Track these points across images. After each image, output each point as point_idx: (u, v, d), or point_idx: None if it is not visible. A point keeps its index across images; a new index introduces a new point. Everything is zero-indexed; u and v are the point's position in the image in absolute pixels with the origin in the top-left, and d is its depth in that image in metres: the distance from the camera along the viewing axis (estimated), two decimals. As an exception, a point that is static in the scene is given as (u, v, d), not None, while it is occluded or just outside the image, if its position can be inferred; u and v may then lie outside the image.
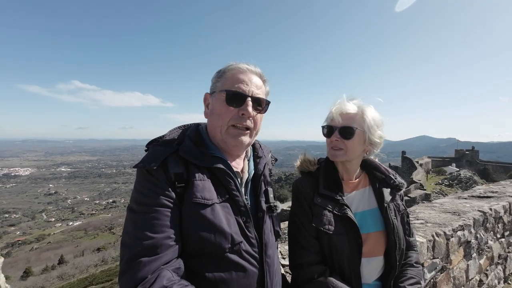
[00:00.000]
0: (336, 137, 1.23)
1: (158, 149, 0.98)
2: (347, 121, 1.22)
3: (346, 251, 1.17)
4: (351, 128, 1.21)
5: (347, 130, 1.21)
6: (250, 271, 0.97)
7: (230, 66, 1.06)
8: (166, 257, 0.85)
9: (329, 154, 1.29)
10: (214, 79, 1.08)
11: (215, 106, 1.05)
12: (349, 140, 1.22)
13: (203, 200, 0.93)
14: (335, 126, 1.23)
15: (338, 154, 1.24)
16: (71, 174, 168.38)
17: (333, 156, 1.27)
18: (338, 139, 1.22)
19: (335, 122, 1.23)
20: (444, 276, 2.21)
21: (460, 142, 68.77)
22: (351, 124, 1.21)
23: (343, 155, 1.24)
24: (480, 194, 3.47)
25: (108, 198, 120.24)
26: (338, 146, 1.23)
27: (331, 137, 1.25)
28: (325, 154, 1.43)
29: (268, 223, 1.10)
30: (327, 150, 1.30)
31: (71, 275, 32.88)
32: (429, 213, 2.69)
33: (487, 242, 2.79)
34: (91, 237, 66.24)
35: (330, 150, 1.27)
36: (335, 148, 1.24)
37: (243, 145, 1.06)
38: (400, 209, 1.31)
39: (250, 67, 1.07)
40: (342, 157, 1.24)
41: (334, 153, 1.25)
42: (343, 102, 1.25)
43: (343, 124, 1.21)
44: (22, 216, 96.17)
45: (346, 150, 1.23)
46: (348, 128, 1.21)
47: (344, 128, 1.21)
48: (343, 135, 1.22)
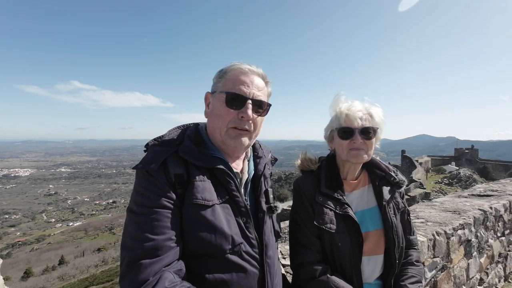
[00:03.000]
0: (357, 139, 1.20)
1: (157, 149, 0.97)
2: (367, 121, 1.21)
3: (348, 249, 1.17)
4: (373, 128, 1.21)
5: (369, 130, 1.20)
6: (251, 272, 0.97)
7: (232, 66, 1.04)
8: (168, 259, 0.85)
9: (348, 156, 1.23)
10: (216, 79, 1.06)
11: (215, 107, 1.03)
12: (371, 140, 1.22)
13: (204, 201, 0.92)
14: (355, 128, 1.20)
15: (361, 155, 1.22)
16: (71, 174, 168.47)
17: (356, 157, 1.22)
18: (362, 140, 1.20)
19: (353, 123, 1.20)
20: (445, 275, 2.21)
21: (459, 141, 68.90)
22: (371, 124, 1.21)
23: (366, 156, 1.23)
24: (480, 193, 3.47)
25: (108, 198, 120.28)
26: (360, 148, 1.21)
27: (351, 139, 1.22)
28: (325, 153, 1.43)
29: (268, 223, 1.09)
30: (343, 152, 1.25)
31: (72, 275, 32.89)
32: (430, 212, 2.69)
33: (487, 241, 2.79)
34: (91, 238, 66.32)
35: (351, 152, 1.23)
36: (357, 150, 1.22)
37: (242, 146, 1.05)
38: (399, 207, 1.31)
39: (252, 67, 1.05)
40: (364, 158, 1.23)
41: (357, 153, 1.22)
42: (354, 102, 1.25)
43: (364, 124, 1.20)
44: (22, 217, 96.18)
45: (367, 151, 1.23)
46: (370, 128, 1.21)
47: (366, 128, 1.20)
48: (366, 135, 1.21)
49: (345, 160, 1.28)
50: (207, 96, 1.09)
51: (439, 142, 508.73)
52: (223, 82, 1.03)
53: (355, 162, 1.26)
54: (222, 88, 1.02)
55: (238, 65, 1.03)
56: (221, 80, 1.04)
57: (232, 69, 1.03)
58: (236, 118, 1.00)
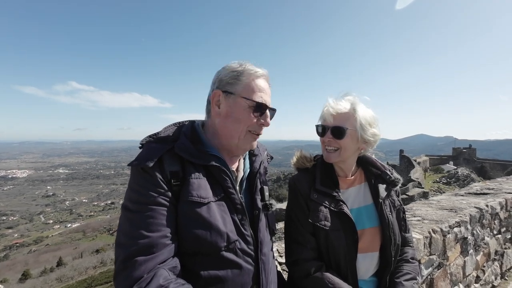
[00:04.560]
0: (328, 137, 1.24)
1: (153, 146, 0.96)
2: (339, 121, 1.21)
3: (343, 247, 1.17)
4: (342, 128, 1.20)
5: (338, 130, 1.21)
6: (246, 268, 0.97)
7: (247, 69, 1.02)
8: (162, 256, 0.85)
9: (323, 155, 1.30)
10: (229, 79, 1.02)
11: (234, 111, 1.02)
12: (341, 140, 1.22)
13: (199, 198, 0.92)
14: (327, 126, 1.24)
15: (332, 156, 1.25)
16: (69, 175, 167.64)
17: (327, 157, 1.28)
18: (331, 139, 1.23)
19: (327, 121, 1.23)
20: (441, 272, 2.22)
21: (457, 140, 69.21)
22: (342, 124, 1.21)
23: (337, 156, 1.25)
24: (476, 191, 3.49)
25: (106, 199, 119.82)
26: (332, 145, 1.24)
27: (324, 136, 1.27)
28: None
29: (263, 221, 1.10)
30: (322, 149, 1.32)
31: (70, 277, 32.74)
32: (426, 210, 2.70)
33: (483, 239, 2.81)
34: (89, 239, 66.01)
35: (324, 151, 1.29)
36: (329, 150, 1.25)
37: (252, 148, 1.11)
38: (395, 205, 1.32)
39: (264, 72, 1.06)
40: (336, 158, 1.25)
41: (327, 155, 1.27)
42: (335, 101, 1.25)
43: (335, 124, 1.22)
44: (20, 219, 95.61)
45: (339, 150, 1.24)
46: (339, 128, 1.21)
47: (336, 128, 1.21)
48: (335, 135, 1.22)
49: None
50: (216, 95, 1.03)
51: (437, 142, 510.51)
52: (242, 86, 1.01)
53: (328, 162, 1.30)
54: (243, 93, 1.01)
55: (252, 67, 1.03)
56: (238, 82, 1.01)
57: (249, 72, 1.02)
58: (256, 124, 1.04)
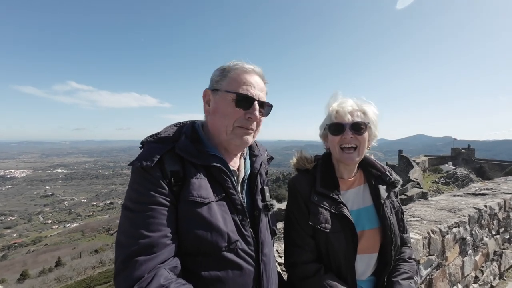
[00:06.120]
0: (348, 134, 1.20)
1: (154, 146, 0.96)
2: (358, 117, 1.21)
3: (343, 249, 1.17)
4: (363, 123, 1.20)
5: (359, 125, 1.20)
6: (247, 269, 0.97)
7: (235, 65, 1.03)
8: (163, 256, 0.85)
9: (341, 158, 1.24)
10: (217, 77, 1.04)
11: (220, 106, 1.02)
12: (362, 136, 1.21)
13: (200, 198, 0.92)
14: (345, 123, 1.21)
15: (353, 156, 1.22)
16: (68, 175, 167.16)
17: (348, 159, 1.22)
18: (352, 135, 1.20)
19: (344, 118, 1.21)
20: (440, 272, 2.22)
21: (456, 141, 69.29)
22: (362, 119, 1.21)
23: (357, 155, 1.22)
24: (475, 192, 3.50)
25: (105, 199, 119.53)
26: (352, 143, 1.21)
27: (341, 134, 1.21)
28: (322, 152, 1.44)
29: (264, 221, 1.10)
30: (335, 149, 1.25)
31: (69, 277, 32.60)
32: (425, 210, 2.71)
33: (482, 239, 2.82)
34: (88, 239, 65.81)
35: (340, 153, 1.23)
36: (348, 151, 1.22)
37: (246, 145, 1.07)
38: (395, 206, 1.32)
39: (254, 67, 1.05)
40: (356, 158, 1.23)
41: (348, 156, 1.22)
42: (346, 99, 1.26)
43: (354, 119, 1.21)
44: (18, 219, 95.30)
45: (358, 148, 1.22)
46: (359, 123, 1.20)
47: (357, 123, 1.20)
48: (356, 130, 1.20)
49: (338, 159, 1.28)
50: (206, 93, 1.07)
51: (436, 142, 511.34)
52: (227, 81, 1.02)
53: (347, 164, 1.26)
54: (228, 87, 1.01)
55: (240, 64, 1.03)
56: (224, 79, 1.02)
57: (235, 68, 1.03)
58: (242, 118, 1.01)
